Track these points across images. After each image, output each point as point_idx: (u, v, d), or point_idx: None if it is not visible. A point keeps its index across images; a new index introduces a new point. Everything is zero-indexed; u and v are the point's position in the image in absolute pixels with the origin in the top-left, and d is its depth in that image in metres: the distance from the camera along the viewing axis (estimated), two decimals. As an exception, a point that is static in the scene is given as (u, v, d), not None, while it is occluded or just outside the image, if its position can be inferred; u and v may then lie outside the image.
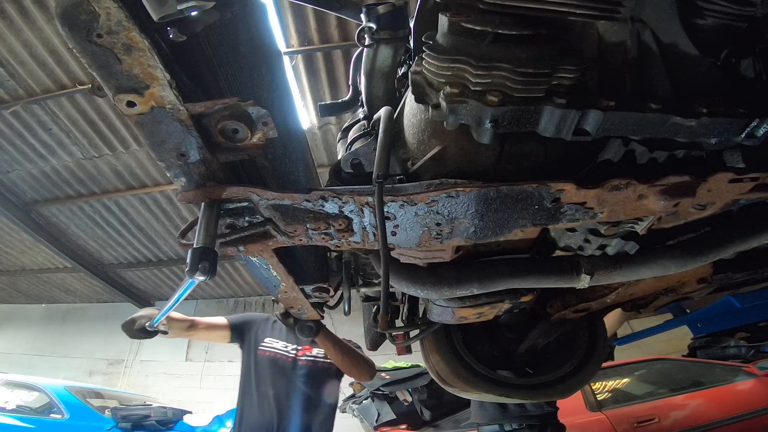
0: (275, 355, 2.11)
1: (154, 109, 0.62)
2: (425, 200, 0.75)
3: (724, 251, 0.93)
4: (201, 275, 0.68)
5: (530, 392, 1.57)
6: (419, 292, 1.00)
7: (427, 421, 4.15)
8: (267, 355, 2.10)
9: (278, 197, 0.76)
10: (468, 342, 1.58)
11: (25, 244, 7.03)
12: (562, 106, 0.64)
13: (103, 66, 0.56)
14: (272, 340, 2.16)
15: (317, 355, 2.16)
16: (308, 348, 2.18)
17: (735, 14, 0.71)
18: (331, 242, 0.85)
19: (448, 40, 0.68)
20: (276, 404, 1.99)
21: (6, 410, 4.08)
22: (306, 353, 2.16)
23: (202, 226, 0.72)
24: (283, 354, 2.12)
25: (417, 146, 0.85)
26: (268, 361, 2.09)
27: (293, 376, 2.07)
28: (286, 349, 2.15)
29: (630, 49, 0.71)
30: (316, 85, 4.62)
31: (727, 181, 0.76)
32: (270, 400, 2.00)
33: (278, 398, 2.00)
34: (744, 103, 0.70)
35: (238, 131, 0.67)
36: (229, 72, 0.79)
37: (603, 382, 3.72)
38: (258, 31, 1.11)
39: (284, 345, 2.16)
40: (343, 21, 3.98)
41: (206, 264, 0.68)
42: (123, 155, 5.31)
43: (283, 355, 2.12)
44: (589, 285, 1.00)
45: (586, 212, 0.79)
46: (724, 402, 3.24)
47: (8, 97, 4.50)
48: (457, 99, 0.65)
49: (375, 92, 1.26)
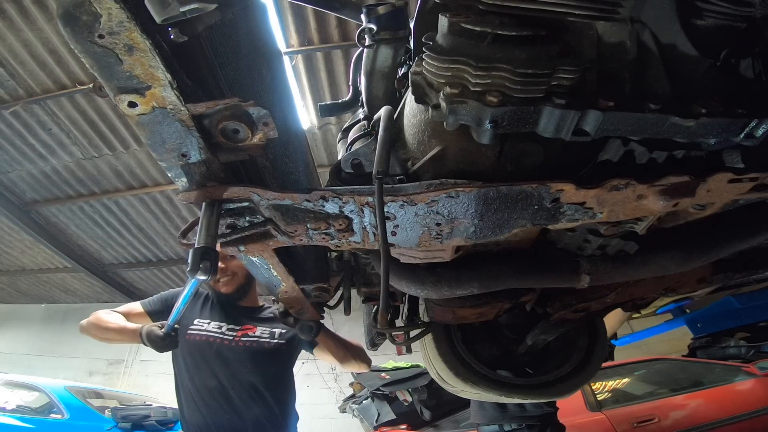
0: (208, 339, 1.76)
1: (156, 109, 0.62)
2: (425, 200, 0.75)
3: (724, 251, 0.93)
4: (202, 275, 0.68)
5: (530, 392, 1.57)
6: (419, 292, 1.00)
7: (427, 421, 4.15)
8: (198, 339, 1.75)
9: (279, 197, 0.76)
10: (468, 342, 1.58)
11: (25, 244, 7.04)
12: (562, 106, 0.64)
13: (104, 66, 0.56)
14: (201, 321, 1.81)
15: (261, 336, 1.82)
16: (250, 327, 1.84)
17: (734, 14, 0.71)
18: (331, 242, 0.85)
19: (447, 40, 0.68)
20: (219, 399, 1.67)
21: (6, 410, 4.08)
22: (247, 333, 1.81)
23: (203, 226, 0.72)
24: (217, 337, 1.77)
25: (417, 146, 0.85)
26: (200, 347, 1.74)
27: (235, 362, 1.72)
28: (221, 331, 1.79)
29: (629, 49, 0.72)
30: (316, 85, 4.62)
31: (727, 181, 0.77)
32: (211, 395, 1.68)
33: (220, 392, 1.68)
34: (743, 103, 0.70)
35: (239, 131, 0.67)
36: (229, 72, 0.79)
37: (603, 382, 3.72)
38: (258, 31, 1.11)
39: (217, 326, 1.80)
40: (343, 21, 3.98)
41: (207, 264, 0.69)
42: (123, 155, 5.31)
43: (218, 338, 1.76)
44: (588, 285, 1.00)
45: (586, 212, 0.79)
46: (724, 402, 3.24)
47: (8, 97, 4.50)
48: (456, 99, 0.65)
49: (375, 92, 1.26)
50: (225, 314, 1.86)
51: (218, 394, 1.68)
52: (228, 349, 1.75)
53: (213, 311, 1.86)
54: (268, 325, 1.89)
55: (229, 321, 1.84)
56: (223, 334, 1.79)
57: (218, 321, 1.82)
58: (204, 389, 1.69)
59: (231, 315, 1.87)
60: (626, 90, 0.73)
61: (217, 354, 1.73)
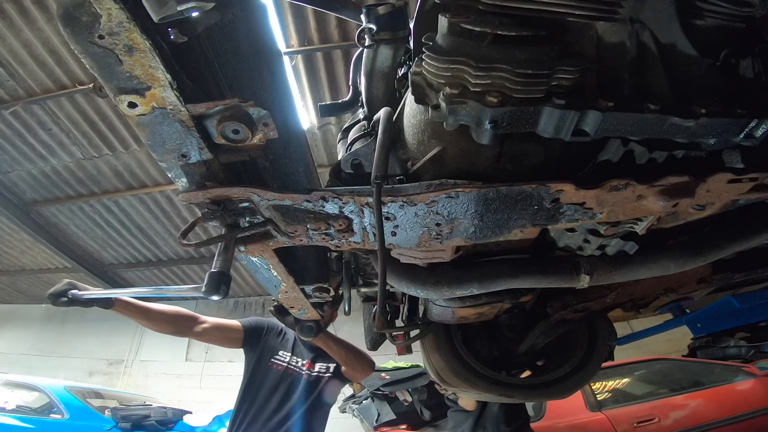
0: (287, 370, 2.06)
1: (155, 110, 0.62)
2: (425, 201, 0.75)
3: (724, 251, 0.93)
4: (217, 296, 0.75)
5: (530, 392, 1.57)
6: (419, 292, 1.00)
7: (427, 421, 4.15)
8: (278, 369, 2.06)
9: (279, 198, 0.76)
10: (468, 342, 1.59)
11: (25, 244, 7.03)
12: (561, 106, 0.64)
13: (104, 67, 0.56)
14: (285, 354, 2.11)
15: (320, 370, 2.12)
16: (310, 363, 2.13)
17: (734, 15, 0.72)
18: (331, 242, 0.85)
19: (447, 41, 0.68)
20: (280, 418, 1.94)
21: (6, 410, 4.08)
22: (310, 368, 2.12)
23: (221, 251, 0.77)
24: (293, 369, 2.08)
25: (417, 147, 0.85)
26: (279, 375, 2.04)
27: (301, 391, 2.02)
28: (297, 364, 2.11)
29: (629, 49, 0.72)
30: (316, 86, 4.62)
31: (726, 181, 0.77)
32: (274, 414, 1.95)
33: (283, 412, 1.96)
34: (743, 103, 0.70)
35: (239, 132, 0.67)
36: (229, 73, 0.79)
37: (603, 382, 3.72)
38: (258, 31, 1.11)
39: (295, 360, 2.12)
40: (343, 21, 3.98)
41: (225, 288, 0.75)
42: (123, 155, 5.31)
43: (293, 370, 2.07)
44: (588, 285, 1.00)
45: (586, 212, 0.79)
46: (724, 402, 3.24)
47: (8, 97, 4.50)
48: (456, 100, 0.65)
49: (375, 93, 1.26)
50: (296, 348, 2.14)
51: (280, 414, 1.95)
52: (298, 380, 2.04)
53: (290, 344, 2.15)
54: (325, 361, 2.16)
55: (298, 354, 2.13)
56: (297, 367, 2.10)
57: (294, 355, 2.12)
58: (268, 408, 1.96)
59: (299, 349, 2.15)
60: (626, 90, 0.73)
61: (291, 384, 2.02)
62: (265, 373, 2.06)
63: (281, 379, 2.04)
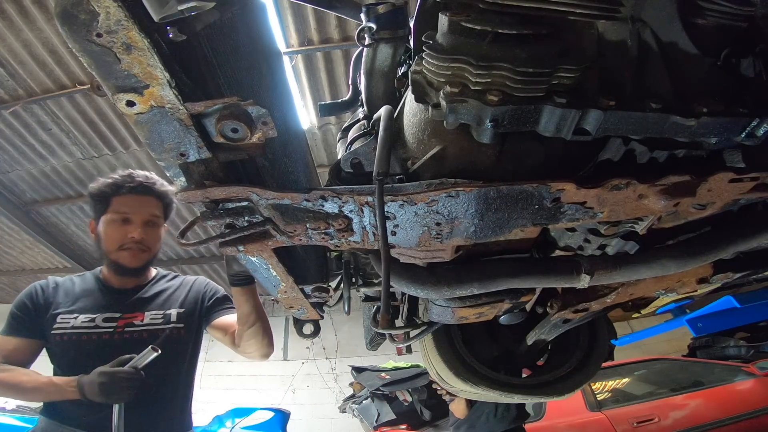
0: (81, 338, 1.37)
1: (154, 108, 0.61)
2: (425, 200, 0.75)
3: (724, 251, 0.93)
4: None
5: (530, 392, 1.57)
6: (419, 292, 1.00)
7: (427, 421, 4.16)
8: (67, 339, 1.37)
9: (278, 197, 0.76)
10: (468, 342, 1.58)
11: (25, 244, 7.03)
12: (563, 105, 0.64)
13: (102, 65, 0.56)
14: (68, 317, 1.40)
15: (153, 322, 1.45)
16: (137, 315, 1.45)
17: (735, 14, 0.71)
18: (330, 242, 0.85)
19: (448, 39, 0.68)
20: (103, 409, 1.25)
21: (6, 410, 4.08)
22: (133, 322, 1.44)
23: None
24: (93, 332, 1.38)
25: (417, 146, 0.85)
26: (73, 348, 1.36)
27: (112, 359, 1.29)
28: (94, 324, 1.39)
29: (630, 48, 0.71)
30: (316, 85, 4.62)
31: (728, 180, 0.76)
32: (95, 407, 1.25)
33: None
34: (744, 102, 0.70)
35: (238, 130, 0.67)
36: (228, 71, 0.79)
37: (603, 382, 3.73)
38: (258, 30, 1.11)
39: (89, 318, 1.39)
40: (343, 21, 3.98)
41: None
42: (123, 155, 5.31)
43: (95, 333, 1.38)
44: (589, 285, 1.00)
45: (587, 212, 0.79)
46: (724, 402, 3.25)
47: (8, 97, 4.49)
48: (457, 98, 0.65)
49: (375, 92, 1.26)
50: (102, 301, 1.45)
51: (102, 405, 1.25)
52: (111, 344, 1.37)
53: (81, 298, 1.44)
54: (161, 305, 1.52)
55: (106, 309, 1.43)
56: (100, 327, 1.39)
57: (89, 312, 1.41)
58: (83, 403, 1.25)
59: (110, 301, 1.46)
60: (627, 89, 0.73)
61: (98, 354, 1.32)
62: (56, 355, 1.43)
63: (80, 352, 1.40)
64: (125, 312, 1.46)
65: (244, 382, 7.66)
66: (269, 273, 1.01)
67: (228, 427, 4.64)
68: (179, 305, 1.56)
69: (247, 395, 7.18)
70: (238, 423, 4.65)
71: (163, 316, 1.50)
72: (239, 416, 4.77)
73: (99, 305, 1.45)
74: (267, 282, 1.07)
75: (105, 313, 1.43)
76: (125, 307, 1.47)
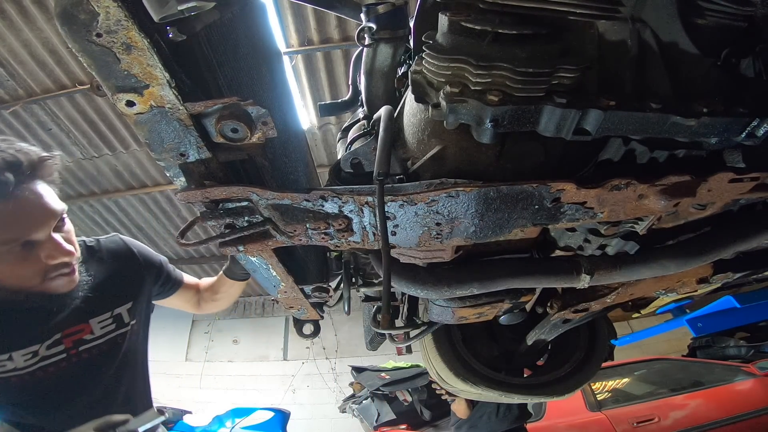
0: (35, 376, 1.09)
1: (154, 108, 0.61)
2: (425, 200, 0.75)
3: (724, 251, 0.93)
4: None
5: (530, 392, 1.57)
6: (419, 292, 1.00)
7: (427, 421, 4.16)
8: (17, 381, 1.07)
9: (278, 197, 0.75)
10: (468, 342, 1.58)
11: (24, 244, 7.02)
12: (563, 105, 0.64)
13: (102, 65, 0.56)
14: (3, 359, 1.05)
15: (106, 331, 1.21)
16: (80, 327, 1.17)
17: (735, 14, 0.71)
18: (330, 242, 0.85)
19: (448, 39, 0.68)
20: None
21: (6, 410, 4.07)
22: (82, 337, 1.16)
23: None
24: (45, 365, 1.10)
25: (417, 146, 0.85)
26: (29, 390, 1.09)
27: (82, 385, 1.14)
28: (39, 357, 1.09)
29: (630, 48, 0.71)
30: (316, 85, 4.63)
31: (728, 180, 0.76)
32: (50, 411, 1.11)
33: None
34: (744, 102, 0.69)
35: (238, 130, 0.67)
36: (228, 71, 0.79)
37: (603, 382, 3.73)
38: (258, 30, 1.11)
39: (29, 353, 1.08)
40: (343, 21, 3.99)
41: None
42: (123, 155, 5.32)
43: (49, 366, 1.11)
44: (589, 285, 1.00)
45: (587, 212, 0.79)
46: (724, 402, 3.25)
47: (8, 97, 4.50)
48: (457, 98, 0.65)
49: (375, 92, 1.26)
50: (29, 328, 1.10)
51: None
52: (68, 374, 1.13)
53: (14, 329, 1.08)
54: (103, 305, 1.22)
55: (41, 336, 1.11)
56: (50, 355, 1.11)
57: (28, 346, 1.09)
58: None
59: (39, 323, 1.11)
60: (627, 89, 0.73)
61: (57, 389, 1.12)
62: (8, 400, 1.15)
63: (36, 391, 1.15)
64: (64, 329, 1.14)
65: (244, 382, 7.67)
66: (269, 273, 1.01)
67: (228, 427, 4.64)
68: (124, 299, 1.28)
69: (247, 395, 7.18)
70: (238, 423, 4.65)
71: (113, 320, 1.23)
72: (239, 416, 4.76)
73: (29, 335, 1.10)
74: (267, 282, 1.07)
75: (44, 341, 1.11)
76: (61, 324, 1.14)
